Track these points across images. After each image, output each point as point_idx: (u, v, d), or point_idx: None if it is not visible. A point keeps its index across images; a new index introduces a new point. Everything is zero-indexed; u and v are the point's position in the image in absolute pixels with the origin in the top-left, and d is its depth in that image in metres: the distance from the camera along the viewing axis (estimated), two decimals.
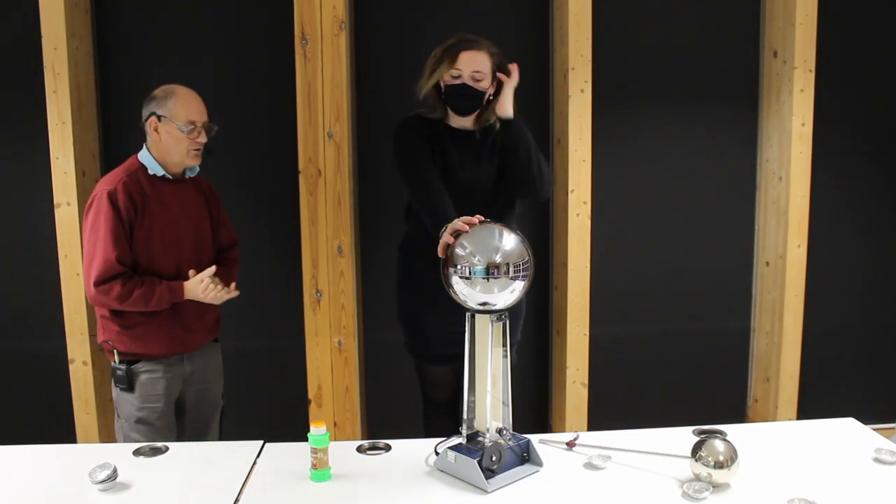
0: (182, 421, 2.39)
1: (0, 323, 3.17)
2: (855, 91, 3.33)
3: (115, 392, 2.31)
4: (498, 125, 2.43)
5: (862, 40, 3.30)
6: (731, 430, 2.01)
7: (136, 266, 2.25)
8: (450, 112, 2.42)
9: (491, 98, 2.39)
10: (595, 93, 3.04)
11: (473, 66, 2.31)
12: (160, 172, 2.29)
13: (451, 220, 1.90)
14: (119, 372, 2.27)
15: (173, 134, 2.25)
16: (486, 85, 2.34)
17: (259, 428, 2.36)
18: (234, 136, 3.15)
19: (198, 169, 2.39)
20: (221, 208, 2.53)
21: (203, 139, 2.30)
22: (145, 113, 2.28)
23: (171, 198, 2.31)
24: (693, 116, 3.30)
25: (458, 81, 2.32)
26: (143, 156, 2.30)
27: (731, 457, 1.70)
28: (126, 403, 2.28)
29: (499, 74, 2.35)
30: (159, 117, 2.25)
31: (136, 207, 2.23)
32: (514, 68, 2.37)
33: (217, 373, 2.50)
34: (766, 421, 3.32)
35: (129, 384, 2.26)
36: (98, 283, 2.17)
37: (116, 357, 2.28)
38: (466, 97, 2.34)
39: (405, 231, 2.58)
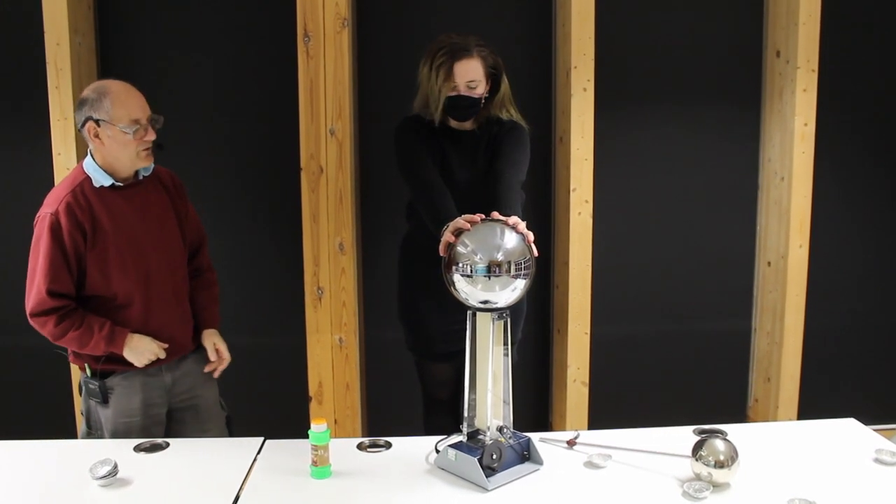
0: (178, 434, 2.22)
1: (1, 318, 3.17)
2: (858, 91, 3.32)
3: (87, 405, 2.16)
4: (496, 121, 2.43)
5: (865, 40, 3.29)
6: (731, 429, 2.01)
7: (92, 290, 2.07)
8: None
9: (486, 97, 2.39)
10: (597, 91, 3.03)
11: (467, 76, 2.30)
12: (107, 182, 2.07)
13: (452, 219, 1.90)
14: (91, 386, 2.12)
15: (117, 138, 2.02)
16: (480, 91, 2.35)
17: (260, 425, 2.36)
18: (236, 133, 3.15)
19: (152, 166, 2.17)
20: (188, 202, 2.30)
21: (152, 136, 2.08)
22: (79, 118, 2.05)
23: (125, 206, 2.10)
24: (695, 116, 3.30)
25: (454, 93, 2.32)
26: (88, 164, 2.08)
27: (732, 456, 1.70)
28: (101, 417, 2.14)
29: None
30: (97, 122, 2.02)
31: (83, 231, 2.03)
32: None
33: (207, 381, 2.31)
34: (767, 421, 3.32)
35: (103, 398, 2.11)
36: (32, 315, 2.05)
37: (88, 370, 2.13)
38: (464, 107, 2.35)
39: (407, 230, 2.59)
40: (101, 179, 2.07)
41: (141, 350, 2.09)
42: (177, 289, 2.22)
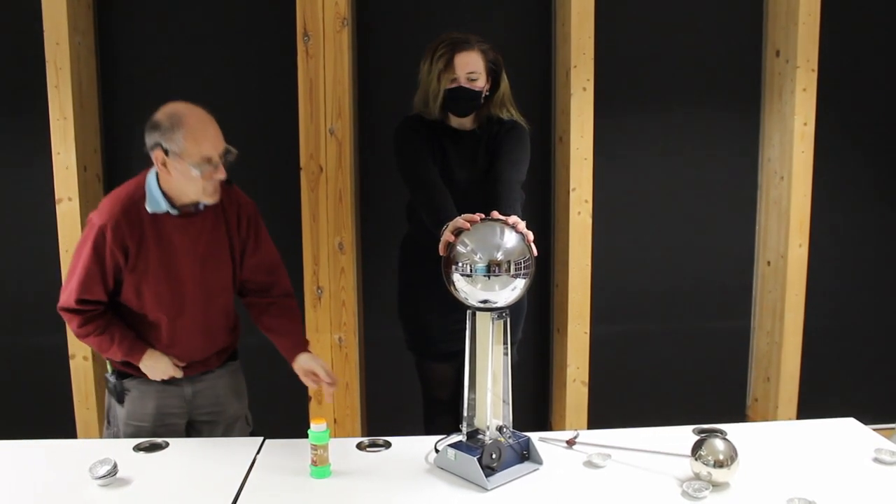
0: None
1: (1, 318, 3.17)
2: (857, 91, 3.32)
3: (109, 400, 2.17)
4: (496, 120, 2.43)
5: (864, 40, 3.29)
6: (731, 429, 2.01)
7: (124, 301, 2.04)
8: (449, 113, 2.42)
9: (487, 95, 2.39)
10: (597, 91, 3.03)
11: (467, 68, 2.31)
12: (161, 209, 1.98)
13: (452, 218, 1.90)
14: (110, 383, 2.14)
15: (185, 173, 1.91)
16: (481, 84, 2.35)
17: (259, 424, 2.36)
18: (235, 133, 3.13)
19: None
20: (258, 233, 2.16)
21: (222, 175, 1.96)
22: (148, 141, 1.93)
23: (176, 234, 2.01)
24: (695, 115, 3.30)
25: (454, 85, 2.32)
26: (150, 183, 1.98)
27: (731, 456, 1.70)
28: (117, 414, 2.15)
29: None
30: (167, 151, 1.91)
31: (126, 251, 1.97)
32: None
33: (232, 394, 2.25)
34: (766, 420, 3.32)
35: (118, 397, 2.12)
36: (60, 309, 2.05)
37: (109, 367, 2.16)
38: (464, 99, 2.35)
39: (407, 230, 2.59)
40: (157, 205, 1.98)
41: (157, 368, 2.09)
42: (209, 322, 2.15)
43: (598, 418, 3.20)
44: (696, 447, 1.73)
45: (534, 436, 1.93)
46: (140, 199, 1.98)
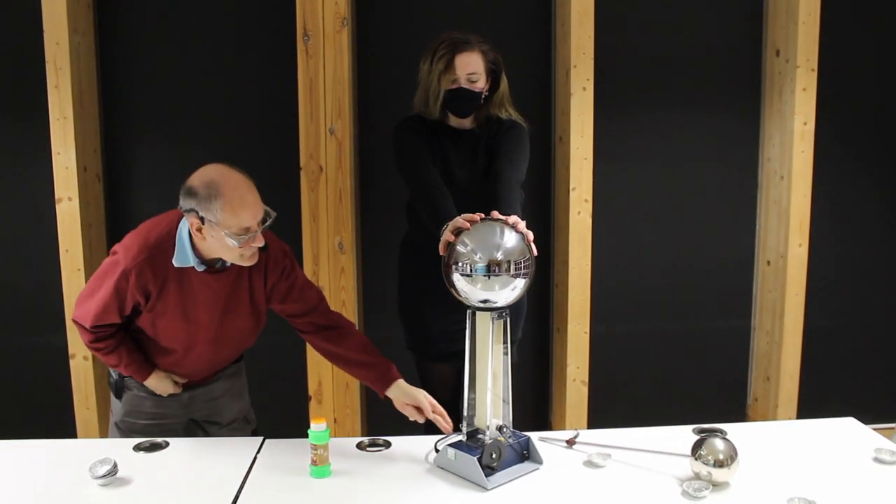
0: None
1: (1, 318, 3.17)
2: (857, 90, 3.32)
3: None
4: (495, 120, 2.43)
5: (865, 39, 3.29)
6: (731, 428, 2.01)
7: (138, 326, 2.04)
8: (448, 113, 2.42)
9: (486, 95, 2.39)
10: (597, 90, 3.03)
11: (468, 68, 2.31)
12: (188, 265, 1.92)
13: (451, 218, 1.90)
14: (111, 378, 2.16)
15: (222, 241, 1.84)
16: (481, 85, 2.35)
17: (259, 424, 2.36)
18: (236, 133, 3.15)
19: None
20: (291, 284, 2.09)
21: (260, 243, 1.88)
22: (183, 205, 1.85)
23: (199, 286, 1.97)
24: (695, 115, 3.29)
25: (454, 86, 2.32)
26: (182, 238, 1.91)
27: (731, 456, 1.70)
28: (114, 409, 2.19)
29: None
30: (202, 219, 1.83)
31: (147, 295, 1.95)
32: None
33: (230, 397, 2.24)
34: (766, 420, 3.32)
35: (117, 393, 2.14)
36: (75, 322, 2.05)
37: None
38: (465, 100, 2.35)
39: (407, 229, 2.59)
40: (185, 261, 1.92)
41: (159, 388, 2.12)
42: (218, 356, 2.17)
43: (598, 418, 3.20)
44: (696, 447, 1.73)
45: (534, 435, 1.93)
46: (169, 248, 1.92)
